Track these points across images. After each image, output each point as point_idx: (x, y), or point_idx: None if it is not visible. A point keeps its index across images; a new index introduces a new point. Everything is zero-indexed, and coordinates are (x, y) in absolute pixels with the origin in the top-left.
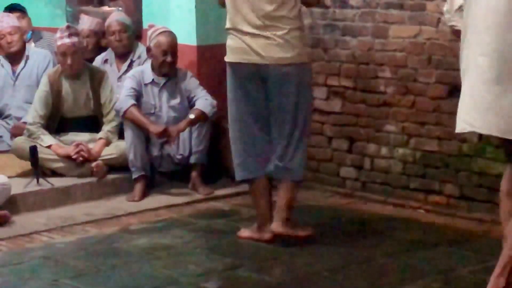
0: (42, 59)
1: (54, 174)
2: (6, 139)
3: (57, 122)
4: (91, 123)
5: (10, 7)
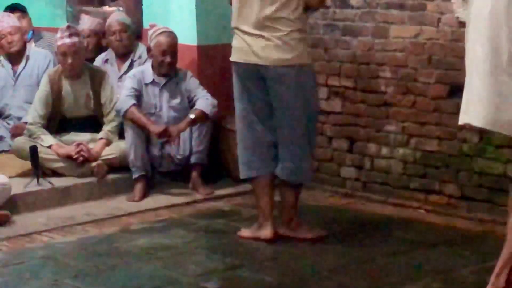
0: (43, 59)
1: (54, 174)
2: (7, 139)
3: (57, 122)
4: (92, 123)
5: (11, 7)
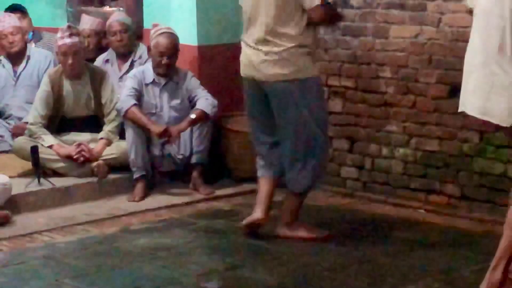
0: (43, 59)
1: (55, 174)
2: (7, 139)
3: (58, 122)
4: (92, 123)
5: (11, 8)
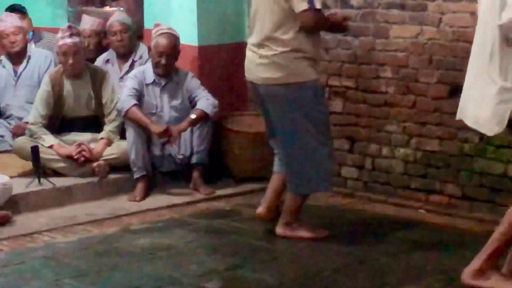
0: (44, 59)
1: (55, 174)
2: (8, 139)
3: (58, 122)
4: (93, 123)
5: (10, 8)
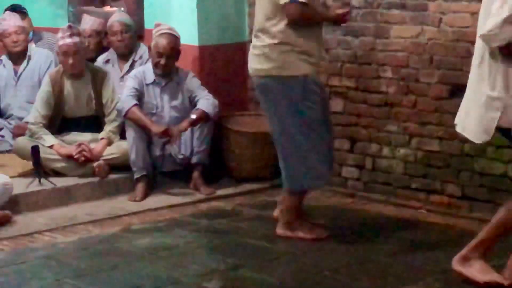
0: (44, 59)
1: (56, 174)
2: (8, 139)
3: (59, 122)
4: (93, 123)
5: (11, 8)
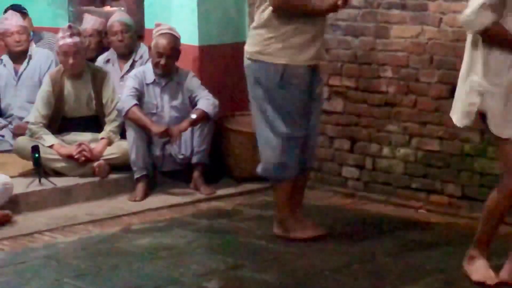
0: (45, 59)
1: (56, 173)
2: (9, 139)
3: (59, 122)
4: (93, 123)
5: (11, 8)
